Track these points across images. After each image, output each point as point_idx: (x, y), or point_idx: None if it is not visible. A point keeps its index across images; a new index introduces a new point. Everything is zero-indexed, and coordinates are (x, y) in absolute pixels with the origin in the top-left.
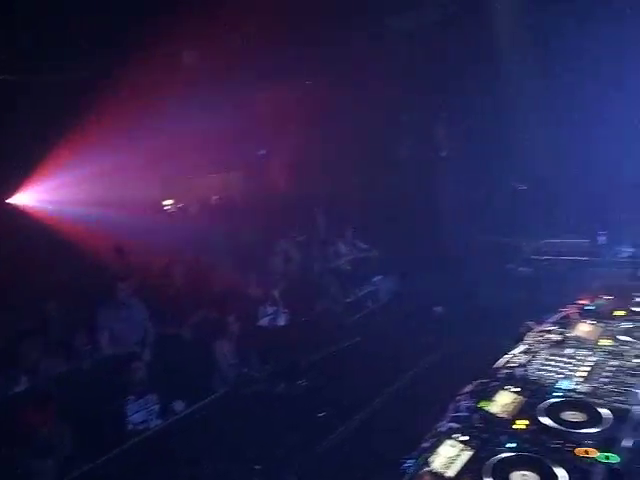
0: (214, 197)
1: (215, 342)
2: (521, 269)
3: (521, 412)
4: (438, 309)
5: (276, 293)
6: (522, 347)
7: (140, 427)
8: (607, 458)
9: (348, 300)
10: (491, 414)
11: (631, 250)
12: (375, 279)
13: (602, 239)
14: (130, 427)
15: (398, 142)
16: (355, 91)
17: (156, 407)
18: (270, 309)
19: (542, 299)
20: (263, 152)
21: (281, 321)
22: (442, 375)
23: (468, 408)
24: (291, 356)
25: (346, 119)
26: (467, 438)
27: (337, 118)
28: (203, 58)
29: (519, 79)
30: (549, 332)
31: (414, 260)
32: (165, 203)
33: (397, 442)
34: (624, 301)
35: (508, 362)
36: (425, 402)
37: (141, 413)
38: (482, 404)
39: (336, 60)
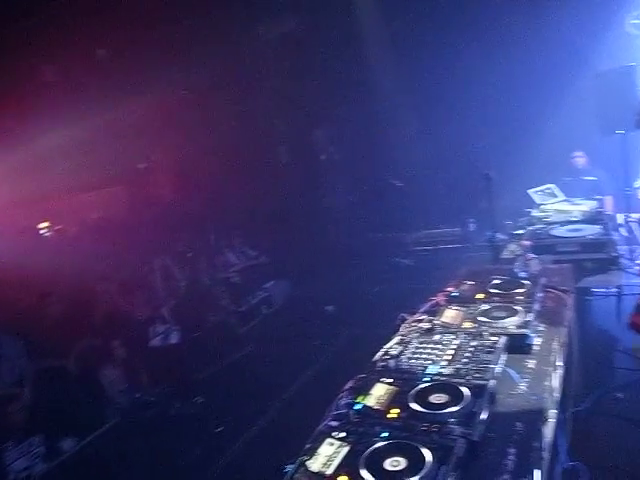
0: (94, 216)
1: (102, 370)
2: (404, 261)
3: (394, 402)
4: (329, 308)
5: (165, 311)
6: (397, 338)
7: (23, 474)
8: (464, 431)
9: (241, 309)
10: (367, 407)
11: (492, 234)
12: (267, 285)
13: (472, 227)
14: (11, 477)
15: (280, 149)
16: (232, 99)
17: (41, 449)
18: (160, 328)
19: (421, 288)
20: (143, 166)
21: (173, 339)
22: (335, 375)
23: (346, 405)
24: (185, 374)
25: (226, 127)
26: (344, 435)
27: (217, 127)
28: (69, 71)
29: (392, 84)
30: (420, 321)
31: (305, 263)
32: (40, 226)
33: (294, 448)
34: (484, 285)
35: (384, 354)
36: (321, 404)
37: (23, 459)
38: (359, 399)
39: (211, 69)
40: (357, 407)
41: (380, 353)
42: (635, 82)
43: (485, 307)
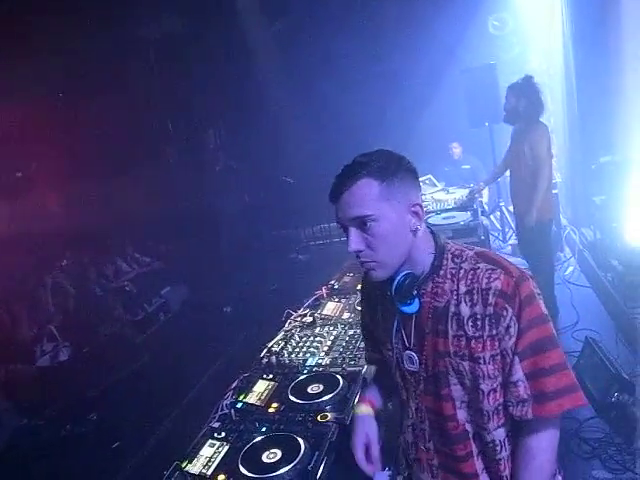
0: None
1: None
2: (300, 256)
3: (274, 396)
4: (227, 310)
5: (53, 328)
6: (280, 334)
7: None
8: (337, 417)
9: (137, 318)
10: (249, 405)
11: None
12: (163, 291)
13: None
14: None
15: (169, 151)
16: (117, 101)
17: None
18: (48, 346)
19: (315, 282)
20: (20, 174)
21: (63, 357)
22: (231, 376)
23: (228, 405)
24: (77, 392)
25: (112, 131)
26: (224, 434)
27: (102, 130)
28: None
29: (279, 85)
30: (304, 316)
31: (202, 266)
32: None
33: None
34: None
35: (267, 351)
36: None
37: None
38: (241, 397)
39: (90, 69)
40: (238, 405)
41: (264, 350)
42: (496, 78)
43: None
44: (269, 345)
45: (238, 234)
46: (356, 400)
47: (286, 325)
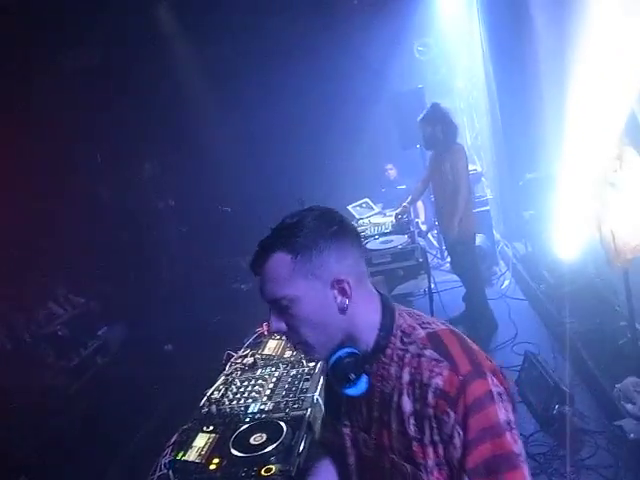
0: None
1: None
2: (242, 286)
3: (214, 451)
4: (168, 347)
5: None
6: (221, 379)
7: None
8: (282, 469)
9: (72, 364)
10: (188, 463)
11: None
12: (100, 332)
13: None
14: None
15: (99, 185)
16: (39, 135)
17: None
18: None
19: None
20: None
21: None
22: (175, 423)
23: (166, 464)
24: (4, 452)
25: (35, 165)
26: None
27: (22, 164)
28: None
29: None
30: (244, 357)
31: (140, 301)
32: None
33: None
34: None
35: (207, 399)
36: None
37: None
38: (179, 455)
39: (10, 101)
40: (177, 464)
41: (204, 398)
42: (424, 101)
43: None
44: (209, 392)
45: (176, 266)
46: (301, 447)
47: (227, 368)
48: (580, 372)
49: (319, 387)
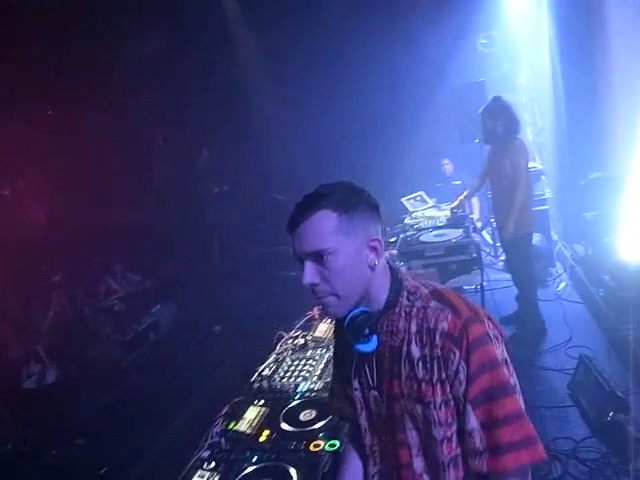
0: None
1: None
2: (291, 273)
3: (265, 424)
4: (217, 328)
5: (40, 348)
6: (272, 357)
7: None
8: (332, 446)
9: (127, 338)
10: (239, 433)
11: None
12: (154, 310)
13: None
14: None
15: (160, 168)
16: (104, 118)
17: None
18: (35, 367)
19: (308, 300)
20: (7, 192)
21: (50, 378)
22: (222, 398)
23: (218, 433)
24: (63, 415)
25: (99, 148)
26: (214, 464)
27: (89, 147)
28: None
29: (270, 102)
30: (295, 338)
31: (192, 284)
32: None
33: None
34: None
35: (258, 375)
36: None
37: None
38: (231, 425)
39: (77, 87)
40: (228, 434)
41: (255, 374)
42: (486, 96)
43: None
44: (260, 369)
45: (228, 251)
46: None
47: (277, 348)
48: (639, 380)
49: None
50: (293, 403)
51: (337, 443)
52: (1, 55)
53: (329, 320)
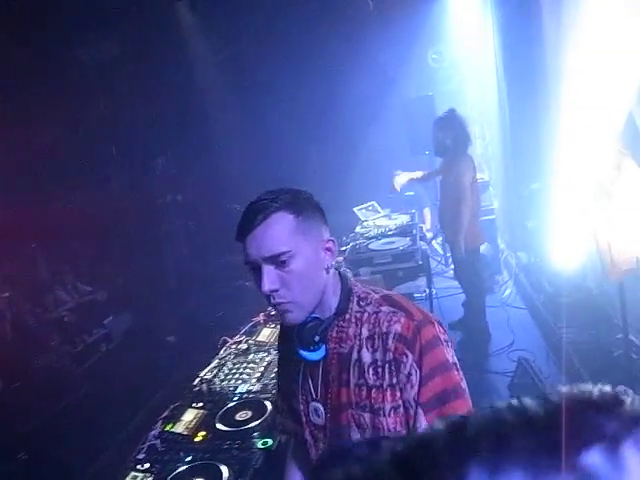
0: None
1: None
2: (246, 283)
3: (201, 425)
4: (171, 339)
5: None
6: (215, 362)
7: None
8: (264, 444)
9: (76, 349)
10: (175, 434)
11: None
12: (106, 321)
13: None
14: None
15: (112, 177)
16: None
17: None
18: None
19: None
20: None
21: None
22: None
23: (155, 435)
24: (5, 429)
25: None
26: (149, 465)
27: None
28: None
29: (224, 112)
30: (239, 342)
31: (146, 293)
32: None
33: None
34: None
35: (200, 379)
36: None
37: None
38: (168, 427)
39: (29, 92)
40: (164, 435)
41: (197, 379)
42: (434, 109)
43: None
44: (202, 373)
45: (183, 261)
46: None
47: (221, 352)
48: (573, 381)
49: None
50: (230, 404)
51: (270, 441)
52: None
53: (273, 325)
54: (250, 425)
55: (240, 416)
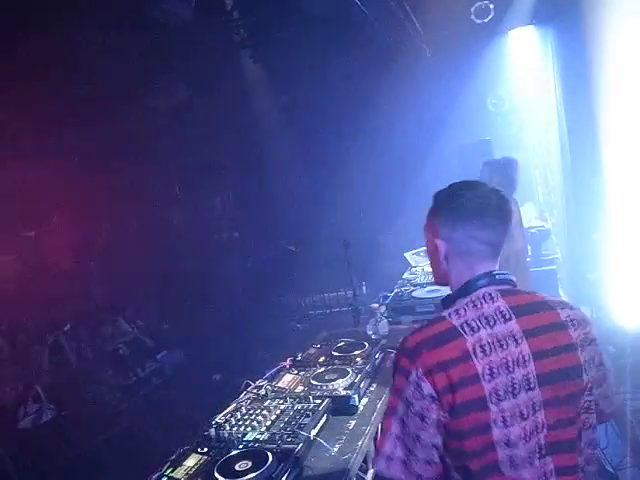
0: None
1: None
2: (298, 325)
3: (201, 472)
4: (217, 377)
5: (39, 388)
6: (232, 406)
7: None
8: None
9: (128, 382)
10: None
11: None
12: (159, 356)
13: (365, 290)
14: None
15: (173, 216)
16: (126, 166)
17: None
18: (32, 407)
19: None
20: (32, 234)
21: (46, 418)
22: None
23: (155, 478)
24: (49, 455)
25: (121, 195)
26: None
27: (111, 195)
28: None
29: (283, 153)
30: (261, 387)
31: (199, 331)
32: None
33: None
34: (329, 347)
35: (213, 423)
36: None
37: None
38: (168, 471)
39: (99, 136)
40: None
41: (210, 422)
42: (491, 154)
43: (320, 370)
44: (217, 417)
45: (238, 300)
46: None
47: (241, 396)
48: (635, 454)
49: (318, 425)
50: (233, 453)
51: None
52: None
53: (295, 371)
54: (247, 476)
55: (240, 466)
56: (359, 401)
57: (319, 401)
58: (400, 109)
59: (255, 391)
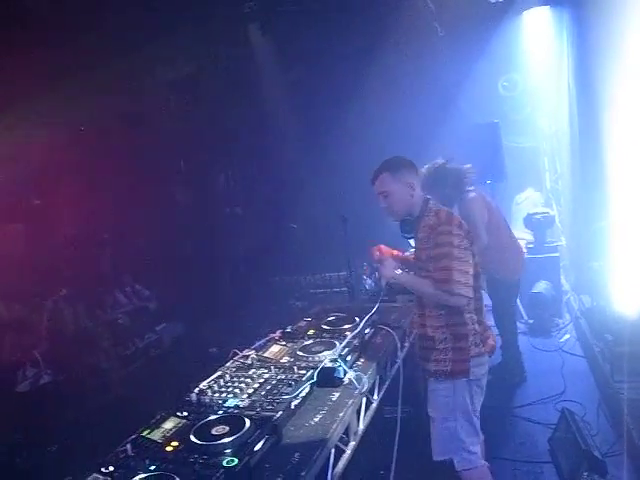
0: None
1: None
2: (297, 303)
3: (177, 435)
4: (214, 350)
5: (37, 354)
6: (217, 373)
7: None
8: (229, 462)
9: (127, 352)
10: (150, 441)
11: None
12: (159, 327)
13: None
14: None
15: (177, 191)
16: (131, 138)
17: None
18: (30, 372)
19: None
20: (38, 202)
21: (43, 382)
22: None
23: (132, 440)
24: (42, 420)
25: (123, 166)
26: (112, 469)
27: (114, 164)
28: None
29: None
30: (247, 357)
31: (199, 305)
32: None
33: None
34: (319, 321)
35: (195, 388)
36: None
37: None
38: (145, 432)
39: (107, 105)
40: (139, 441)
41: (194, 388)
42: (499, 137)
43: (308, 342)
44: (201, 384)
45: (239, 276)
46: (258, 446)
47: (227, 364)
48: (623, 441)
49: (300, 396)
50: (211, 417)
51: (236, 460)
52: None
53: (284, 342)
54: (223, 440)
55: (216, 430)
56: (344, 374)
57: (303, 372)
58: (409, 88)
59: (241, 360)
